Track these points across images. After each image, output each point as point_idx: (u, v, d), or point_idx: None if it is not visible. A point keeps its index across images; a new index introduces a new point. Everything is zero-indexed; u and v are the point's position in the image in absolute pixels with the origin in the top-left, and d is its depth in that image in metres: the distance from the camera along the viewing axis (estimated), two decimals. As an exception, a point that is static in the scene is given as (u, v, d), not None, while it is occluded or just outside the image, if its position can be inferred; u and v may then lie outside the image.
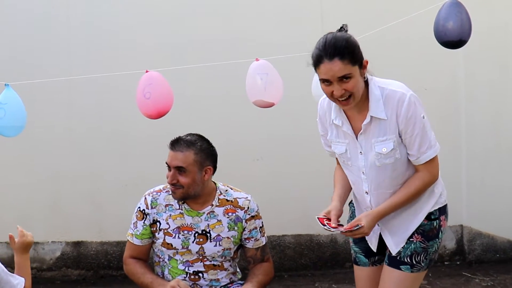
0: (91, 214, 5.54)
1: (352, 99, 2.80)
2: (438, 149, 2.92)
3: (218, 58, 4.72)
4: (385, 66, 5.45)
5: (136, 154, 5.42)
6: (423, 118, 2.85)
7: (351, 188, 3.13)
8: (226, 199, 3.36)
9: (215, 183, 3.38)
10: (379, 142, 2.89)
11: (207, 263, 3.32)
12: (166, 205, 3.33)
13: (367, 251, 3.14)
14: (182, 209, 3.31)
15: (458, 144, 5.57)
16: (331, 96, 2.82)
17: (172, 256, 3.33)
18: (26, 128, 3.71)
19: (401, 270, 2.98)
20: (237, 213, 3.34)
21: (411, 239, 2.98)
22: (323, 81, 2.81)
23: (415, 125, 2.84)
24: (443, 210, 3.04)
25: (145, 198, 3.36)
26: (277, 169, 5.49)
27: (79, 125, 5.49)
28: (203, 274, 3.32)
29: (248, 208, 3.36)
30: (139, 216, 3.35)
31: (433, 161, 2.91)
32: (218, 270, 3.34)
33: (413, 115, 2.82)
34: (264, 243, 3.44)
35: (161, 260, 3.39)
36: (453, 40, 3.45)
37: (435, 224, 2.99)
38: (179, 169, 3.21)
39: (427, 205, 2.99)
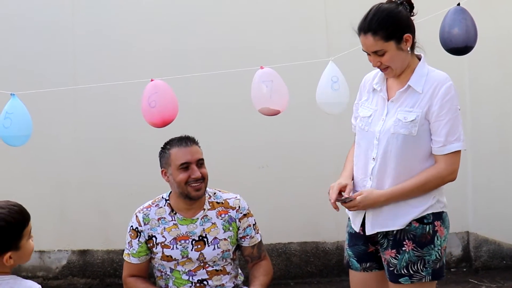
0: (97, 223, 5.54)
1: (390, 70, 2.92)
2: (463, 148, 2.91)
3: (223, 65, 4.73)
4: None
5: (141, 163, 5.43)
6: (459, 109, 2.89)
7: None
8: (217, 202, 3.38)
9: None
10: (404, 111, 2.91)
11: (210, 269, 3.32)
12: (158, 219, 3.33)
13: (359, 256, 3.11)
14: (175, 220, 3.32)
15: (464, 149, 5.55)
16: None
17: (173, 267, 3.32)
18: (32, 137, 3.71)
19: (401, 283, 2.95)
20: (229, 213, 3.36)
21: (403, 248, 2.93)
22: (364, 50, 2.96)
23: (449, 109, 2.86)
24: (438, 216, 2.97)
25: (136, 216, 3.36)
26: (282, 176, 5.48)
27: (84, 133, 5.51)
28: (207, 282, 3.32)
29: (239, 207, 3.39)
30: (133, 235, 3.35)
31: (456, 156, 2.90)
32: (222, 275, 3.34)
33: (450, 99, 2.86)
34: (259, 240, 3.46)
35: (163, 273, 3.38)
36: (459, 46, 3.45)
37: (427, 229, 2.92)
38: (200, 162, 3.27)
39: (418, 208, 2.92)
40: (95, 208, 5.54)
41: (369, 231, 2.99)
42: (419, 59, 2.99)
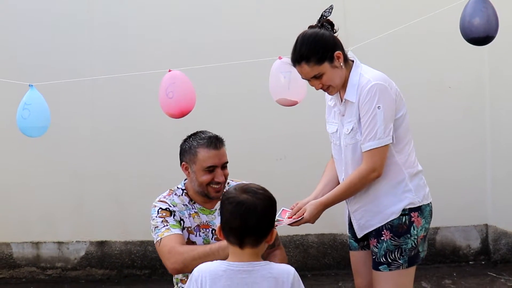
0: (115, 214, 5.56)
1: (332, 88, 3.08)
2: (384, 143, 2.99)
3: (241, 56, 4.72)
4: (409, 63, 5.43)
5: (159, 154, 5.44)
6: (378, 108, 2.98)
7: (337, 182, 3.28)
8: None
9: None
10: (346, 122, 3.10)
11: None
12: (183, 205, 3.31)
13: (356, 236, 3.28)
14: (196, 209, 3.30)
15: (483, 141, 5.51)
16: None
17: None
18: (50, 128, 3.72)
19: (380, 270, 3.10)
20: None
21: (382, 238, 3.09)
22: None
23: (367, 111, 2.99)
24: (416, 208, 3.09)
25: (162, 201, 3.24)
26: (300, 168, 5.46)
27: (102, 125, 5.52)
28: None
29: None
30: (166, 214, 3.18)
31: (374, 153, 3.00)
32: None
33: (369, 101, 2.99)
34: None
35: None
36: (480, 36, 3.40)
37: (404, 219, 3.07)
38: (225, 165, 3.26)
39: (394, 204, 3.06)
40: (113, 200, 5.55)
41: (359, 235, 3.23)
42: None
